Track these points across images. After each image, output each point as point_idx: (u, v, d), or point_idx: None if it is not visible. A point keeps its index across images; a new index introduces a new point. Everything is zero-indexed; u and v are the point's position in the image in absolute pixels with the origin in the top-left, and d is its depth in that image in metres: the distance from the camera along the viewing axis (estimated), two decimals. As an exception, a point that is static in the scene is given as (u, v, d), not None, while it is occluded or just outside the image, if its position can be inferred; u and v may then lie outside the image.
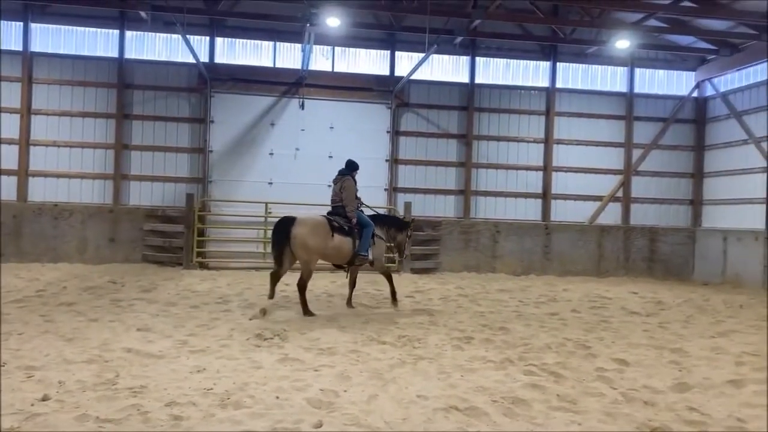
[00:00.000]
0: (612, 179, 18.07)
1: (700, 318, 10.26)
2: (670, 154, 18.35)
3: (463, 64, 17.68)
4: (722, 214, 17.39)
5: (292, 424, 4.46)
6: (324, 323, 8.55)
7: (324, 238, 9.35)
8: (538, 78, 17.98)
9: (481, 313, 9.95)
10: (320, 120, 16.79)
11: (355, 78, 17.02)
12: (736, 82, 17.21)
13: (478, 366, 6.39)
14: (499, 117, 17.78)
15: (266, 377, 5.65)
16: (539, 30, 17.28)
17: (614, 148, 18.11)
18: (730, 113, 17.10)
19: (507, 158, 17.78)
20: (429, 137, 17.50)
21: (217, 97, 16.46)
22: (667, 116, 18.23)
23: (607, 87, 18.22)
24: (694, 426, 4.71)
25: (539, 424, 4.66)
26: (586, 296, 12.88)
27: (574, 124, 17.97)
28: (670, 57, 18.23)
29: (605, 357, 6.98)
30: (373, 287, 13.15)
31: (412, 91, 17.33)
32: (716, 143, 17.77)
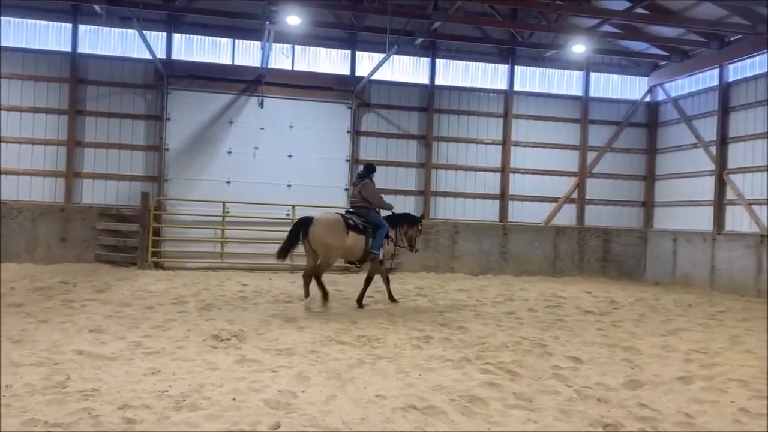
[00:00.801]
0: (567, 181, 18.43)
1: (652, 317, 10.54)
2: (624, 157, 18.82)
3: (424, 65, 17.79)
4: (673, 216, 17.92)
5: (249, 425, 4.41)
6: (282, 324, 8.48)
7: (339, 235, 9.93)
8: (497, 81, 18.21)
9: (439, 313, 10.02)
10: (280, 119, 16.65)
11: (316, 77, 16.95)
12: (686, 88, 17.75)
13: (437, 365, 6.43)
14: (459, 119, 17.95)
15: (223, 379, 5.57)
16: (498, 33, 17.51)
17: (570, 150, 18.48)
18: (681, 118, 17.63)
19: (466, 159, 17.96)
20: (389, 138, 17.55)
21: (174, 94, 16.17)
22: (621, 120, 18.69)
23: (564, 90, 18.58)
24: (644, 422, 4.83)
25: (496, 423, 4.71)
26: (542, 295, 13.11)
27: (531, 126, 18.27)
28: (624, 62, 18.70)
29: (560, 355, 7.11)
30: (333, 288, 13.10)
31: (372, 91, 17.35)
32: (667, 147, 18.29)
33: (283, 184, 16.62)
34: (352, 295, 11.94)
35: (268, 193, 16.31)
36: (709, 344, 8.07)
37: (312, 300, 10.21)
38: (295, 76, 16.86)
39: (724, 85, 16.08)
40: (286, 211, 16.28)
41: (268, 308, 9.88)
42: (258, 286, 12.82)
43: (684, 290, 15.50)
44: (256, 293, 11.67)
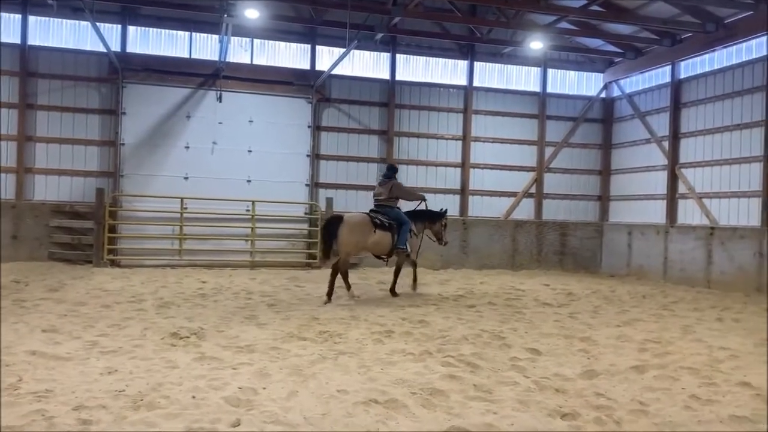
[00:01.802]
0: (526, 176, 18.70)
1: (607, 308, 10.80)
2: (580, 152, 19.19)
3: (384, 60, 17.80)
4: (627, 210, 18.37)
5: (209, 423, 4.36)
6: (242, 321, 8.41)
7: (367, 233, 10.75)
8: (457, 76, 18.35)
9: (401, 307, 10.07)
10: (239, 113, 16.46)
11: (275, 71, 16.80)
12: (640, 84, 18.19)
13: (398, 359, 6.47)
14: (419, 114, 18.03)
15: (182, 377, 5.50)
16: (457, 29, 17.63)
17: (528, 145, 18.75)
18: (635, 113, 18.06)
19: (427, 155, 18.06)
20: (350, 133, 17.52)
21: (129, 87, 15.82)
22: (577, 116, 19.05)
23: (522, 87, 18.83)
24: (600, 410, 4.95)
25: (456, 414, 4.77)
26: (502, 288, 13.30)
27: (491, 122, 18.47)
28: (580, 59, 19.05)
29: (519, 347, 7.23)
30: (294, 284, 13.05)
31: (333, 86, 17.29)
32: (622, 142, 18.73)
33: (243, 180, 16.45)
34: (313, 291, 11.94)
35: (228, 188, 16.11)
36: (662, 334, 8.31)
37: (353, 291, 10.95)
38: (255, 70, 16.68)
39: (675, 81, 16.53)
40: (246, 206, 16.11)
41: (228, 305, 9.78)
42: (218, 283, 12.67)
43: (638, 282, 15.92)
44: (216, 290, 11.53)
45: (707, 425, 4.67)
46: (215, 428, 4.29)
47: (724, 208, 14.97)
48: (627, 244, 17.76)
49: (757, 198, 13.94)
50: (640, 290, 13.77)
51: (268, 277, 14.04)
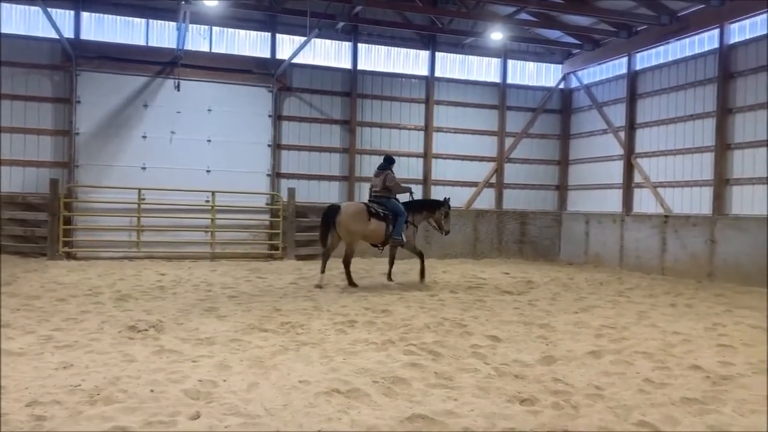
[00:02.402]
0: (486, 166, 18.89)
1: (565, 295, 11.02)
2: (539, 143, 19.47)
3: (346, 49, 17.70)
4: (585, 199, 18.73)
5: (168, 416, 4.31)
6: (202, 313, 8.31)
7: (363, 222, 11.10)
8: (419, 66, 18.38)
9: (364, 297, 10.09)
10: (197, 102, 16.18)
11: (235, 60, 16.56)
12: (597, 75, 18.51)
13: (361, 348, 6.49)
14: (382, 104, 18.01)
15: (140, 371, 5.41)
16: (419, 19, 17.63)
17: (488, 136, 18.93)
18: (593, 104, 18.38)
19: (389, 145, 18.06)
20: (312, 122, 17.41)
21: (83, 75, 15.39)
22: (536, 106, 19.30)
23: (482, 77, 18.97)
24: (558, 395, 5.06)
25: (418, 402, 4.81)
26: (464, 277, 13.44)
27: (452, 112, 18.58)
28: (540, 50, 19.27)
29: (480, 334, 7.33)
30: (255, 275, 12.95)
31: (294, 75, 17.13)
32: (580, 132, 19.05)
33: (202, 170, 16.20)
34: (275, 282, 11.88)
35: (186, 178, 15.85)
36: (618, 320, 8.52)
37: (323, 277, 11.28)
38: (214, 59, 16.41)
39: (631, 73, 16.87)
40: (206, 197, 15.88)
41: (188, 298, 9.65)
42: (177, 275, 12.48)
43: (595, 269, 16.27)
44: (175, 282, 11.36)
45: (660, 408, 4.81)
46: (174, 421, 4.24)
47: (678, 197, 15.39)
48: (584, 233, 18.12)
49: (709, 187, 14.37)
50: (597, 277, 14.08)
51: (228, 269, 13.89)
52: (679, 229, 14.84)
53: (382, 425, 4.29)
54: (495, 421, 4.44)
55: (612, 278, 14.03)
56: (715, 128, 14.20)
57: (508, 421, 4.45)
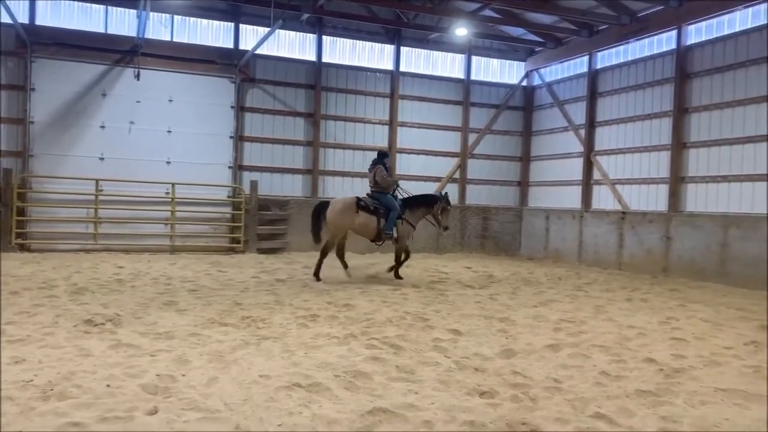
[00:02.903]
0: (450, 161, 19.00)
1: (525, 289, 11.18)
2: (502, 139, 19.67)
3: (310, 42, 17.57)
4: (546, 195, 19.02)
5: (125, 412, 4.23)
6: (161, 306, 8.17)
7: (350, 216, 11.25)
8: (384, 61, 18.35)
9: (326, 291, 10.06)
10: (158, 92, 15.85)
11: (197, 49, 16.27)
12: (559, 74, 18.78)
13: (322, 342, 6.47)
14: (346, 97, 17.94)
15: (96, 365, 5.29)
16: (384, 13, 17.58)
17: (452, 132, 19.04)
18: (554, 102, 18.65)
19: (354, 138, 18.03)
20: (276, 115, 17.24)
21: (39, 62, 14.92)
22: (500, 103, 19.48)
23: (447, 73, 19.05)
24: (517, 388, 5.13)
25: (379, 395, 4.82)
26: (426, 271, 13.52)
27: (417, 107, 18.62)
28: (503, 47, 19.45)
29: (441, 328, 7.38)
30: (216, 269, 12.79)
31: (258, 66, 16.92)
32: (542, 129, 19.32)
33: (162, 161, 15.90)
34: (236, 276, 11.75)
35: (146, 170, 15.53)
36: (576, 314, 8.68)
37: (354, 269, 11.88)
38: (175, 48, 16.09)
39: (592, 72, 17.17)
40: (166, 189, 15.60)
41: (147, 291, 9.48)
42: (135, 268, 12.24)
43: (555, 264, 16.55)
44: (134, 276, 11.15)
45: (615, 400, 4.92)
46: (131, 416, 4.16)
47: (635, 194, 15.74)
48: (545, 228, 18.40)
49: (665, 185, 14.73)
50: (557, 272, 14.32)
51: (188, 262, 13.69)
52: (636, 225, 15.19)
53: (343, 419, 4.29)
54: (455, 414, 4.48)
55: (571, 273, 14.29)
56: (672, 127, 14.56)
57: (468, 413, 4.49)
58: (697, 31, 14.24)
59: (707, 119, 13.87)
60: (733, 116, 13.26)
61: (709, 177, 13.72)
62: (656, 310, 9.30)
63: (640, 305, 9.74)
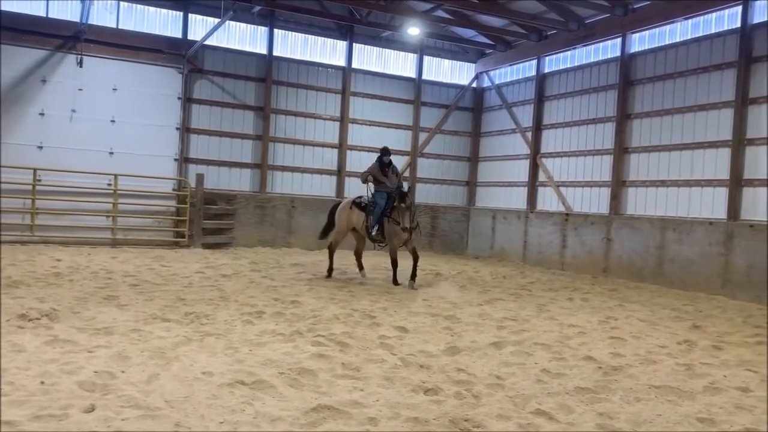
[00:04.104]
0: (400, 159, 19.04)
1: (471, 288, 11.35)
2: (451, 139, 19.87)
3: (262, 34, 17.33)
4: (493, 195, 19.32)
5: (60, 409, 4.08)
6: (101, 302, 7.93)
7: (345, 214, 11.45)
8: (336, 57, 18.27)
9: (273, 288, 9.96)
10: (101, 80, 15.34)
11: (143, 38, 15.82)
12: (508, 76, 19.09)
13: (268, 339, 6.41)
14: (297, 92, 17.78)
15: (30, 361, 5.10)
16: (337, 9, 17.49)
17: (403, 130, 19.12)
18: (503, 104, 18.96)
19: (304, 134, 17.88)
20: (225, 107, 16.94)
21: (-27, 44, 14.23)
22: (450, 103, 19.67)
23: (399, 72, 19.11)
24: (461, 385, 5.21)
25: (324, 393, 4.81)
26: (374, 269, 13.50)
27: (368, 105, 18.61)
28: (455, 48, 19.64)
29: (388, 325, 7.42)
30: (159, 263, 12.49)
31: (206, 57, 16.59)
32: (490, 131, 19.61)
33: (105, 152, 15.41)
34: (180, 270, 11.50)
35: (87, 160, 15.01)
36: (519, 312, 8.86)
37: (364, 271, 11.77)
38: (121, 35, 15.60)
39: (540, 75, 17.52)
40: (108, 180, 15.12)
41: (86, 285, 9.19)
42: (74, 261, 11.84)
43: (500, 263, 16.84)
44: (72, 269, 10.78)
45: (556, 397, 5.05)
46: (66, 414, 4.03)
47: (578, 196, 16.16)
48: (491, 228, 18.70)
49: (607, 188, 15.17)
50: (501, 271, 14.58)
51: (130, 256, 13.33)
52: (578, 226, 15.59)
53: (286, 416, 4.26)
54: (399, 410, 4.51)
55: (515, 272, 14.56)
56: (615, 132, 15.00)
57: (412, 410, 4.53)
58: (641, 39, 14.71)
59: (648, 125, 14.35)
60: (672, 123, 13.76)
61: (648, 181, 14.21)
62: (596, 309, 9.57)
63: (580, 305, 10.01)
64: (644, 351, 6.80)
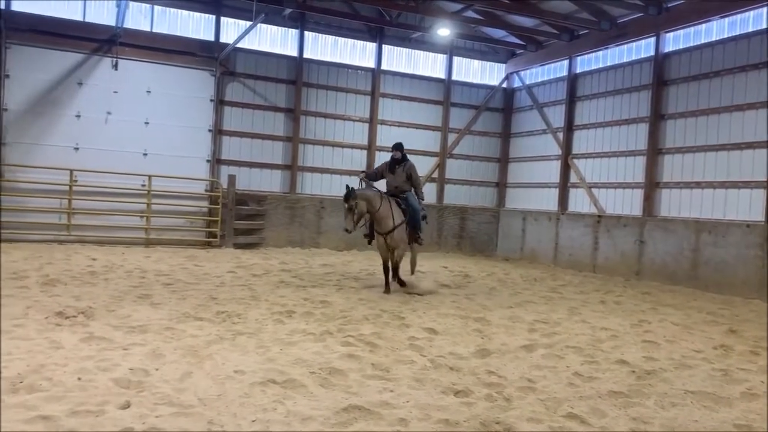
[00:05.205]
0: (429, 161, 19.04)
1: (501, 290, 11.26)
2: (481, 140, 19.77)
3: (292, 37, 17.46)
4: (523, 197, 19.16)
5: (96, 405, 4.17)
6: (135, 300, 8.08)
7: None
8: (365, 58, 18.32)
9: (303, 287, 10.03)
10: (136, 83, 15.62)
11: (177, 41, 16.07)
12: (539, 77, 18.92)
13: (298, 339, 6.45)
14: (327, 94, 17.88)
15: (67, 358, 5.22)
16: (367, 10, 17.54)
17: (432, 131, 19.09)
18: (533, 104, 18.79)
19: (333, 135, 17.97)
20: (256, 109, 17.11)
21: (14, 49, 14.60)
22: (480, 104, 19.57)
23: (428, 72, 19.08)
24: (491, 387, 5.17)
25: (354, 393, 4.82)
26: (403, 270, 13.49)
27: (397, 106, 18.62)
28: (485, 48, 19.54)
29: (417, 327, 7.40)
30: (192, 263, 12.67)
31: (238, 60, 16.78)
32: (520, 131, 19.45)
33: (139, 153, 15.69)
34: (212, 270, 11.65)
35: (122, 161, 15.30)
36: (550, 315, 8.77)
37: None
38: (155, 39, 15.87)
39: (572, 75, 17.32)
40: (142, 181, 15.40)
41: (120, 284, 9.36)
42: (109, 260, 12.07)
43: (530, 265, 16.69)
44: (107, 268, 10.99)
45: (588, 400, 4.98)
46: (102, 410, 4.10)
47: (611, 198, 15.94)
48: (521, 230, 18.55)
49: (640, 189, 14.93)
50: (532, 273, 14.45)
51: (164, 256, 13.55)
52: (610, 228, 15.38)
53: (317, 416, 4.28)
54: (430, 412, 4.50)
55: (546, 275, 14.42)
56: (648, 133, 14.76)
57: (442, 412, 4.51)
58: (675, 38, 14.46)
59: (682, 126, 14.09)
60: (707, 124, 13.49)
61: (683, 183, 13.95)
62: (629, 312, 9.43)
63: (613, 308, 9.87)
64: (679, 355, 6.67)
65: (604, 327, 8.05)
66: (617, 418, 4.64)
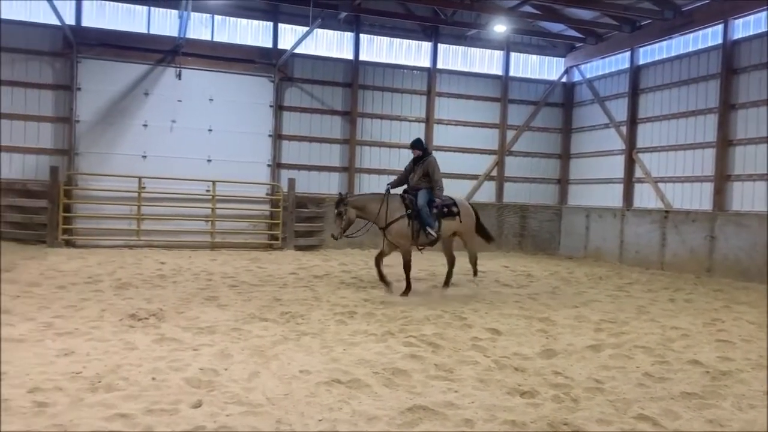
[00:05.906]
0: (487, 159, 18.85)
1: (565, 289, 11.03)
2: (540, 136, 19.43)
3: (348, 40, 17.63)
4: (586, 193, 18.72)
5: (170, 404, 4.31)
6: (203, 302, 8.31)
7: None
8: (420, 58, 18.31)
9: (363, 288, 10.10)
10: (199, 91, 16.12)
11: (236, 49, 16.49)
12: (600, 70, 18.45)
13: (361, 339, 6.50)
14: (383, 95, 17.96)
15: (141, 358, 5.42)
16: (421, 10, 17.53)
17: (490, 129, 18.89)
18: (594, 98, 18.34)
19: (390, 136, 18.03)
20: (313, 113, 17.36)
21: (84, 63, 15.32)
22: (538, 99, 19.25)
23: (485, 70, 18.91)
24: (558, 388, 5.07)
25: (418, 393, 4.82)
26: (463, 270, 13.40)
27: (453, 104, 18.52)
28: (543, 43, 19.20)
29: (479, 327, 7.34)
30: (255, 265, 12.95)
31: (296, 65, 17.07)
32: (582, 126, 19.02)
33: (203, 159, 16.17)
34: (275, 272, 11.87)
35: (187, 168, 15.81)
36: (617, 314, 8.53)
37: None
38: (215, 48, 16.34)
39: (634, 67, 16.81)
40: (206, 186, 15.86)
41: (188, 286, 9.65)
42: (177, 264, 12.47)
43: (595, 263, 16.28)
44: (175, 271, 11.36)
45: (659, 402, 4.82)
46: (176, 409, 4.24)
47: (678, 192, 15.38)
48: (585, 227, 18.12)
49: (710, 183, 14.35)
50: (597, 272, 14.09)
51: (228, 259, 13.90)
52: (679, 224, 14.84)
53: (382, 416, 4.30)
54: (495, 413, 4.45)
55: (611, 273, 14.03)
56: (717, 124, 14.18)
57: (508, 413, 4.46)
58: (745, 25, 13.83)
59: (755, 116, 13.46)
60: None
61: (756, 175, 13.32)
62: (700, 311, 9.08)
63: (683, 306, 9.52)
64: (756, 355, 6.37)
65: (675, 326, 7.77)
66: (692, 420, 4.47)
